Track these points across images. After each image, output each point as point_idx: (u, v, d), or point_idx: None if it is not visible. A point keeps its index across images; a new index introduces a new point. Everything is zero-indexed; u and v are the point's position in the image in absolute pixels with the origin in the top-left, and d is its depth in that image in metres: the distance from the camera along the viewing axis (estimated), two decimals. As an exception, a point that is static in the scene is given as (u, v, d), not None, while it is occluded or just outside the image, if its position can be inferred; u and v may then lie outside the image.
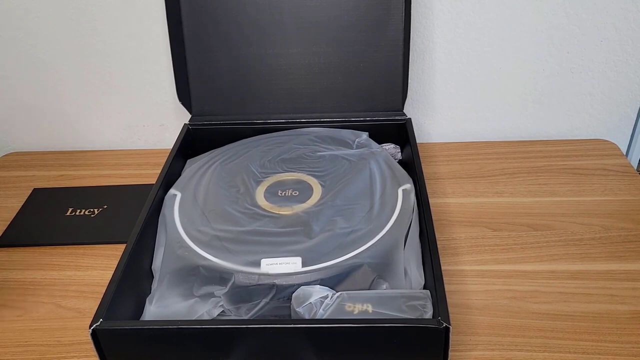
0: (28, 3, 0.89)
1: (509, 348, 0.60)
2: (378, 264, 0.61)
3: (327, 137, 0.83)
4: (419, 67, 0.92)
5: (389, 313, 0.56)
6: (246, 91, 0.86)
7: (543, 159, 0.91)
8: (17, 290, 0.71)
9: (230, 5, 0.82)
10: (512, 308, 0.65)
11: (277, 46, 0.83)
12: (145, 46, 0.92)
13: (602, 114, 0.96)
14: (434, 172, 0.89)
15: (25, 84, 0.96)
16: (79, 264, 0.74)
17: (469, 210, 0.80)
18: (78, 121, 1.00)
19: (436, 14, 0.88)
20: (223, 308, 0.61)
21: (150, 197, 0.69)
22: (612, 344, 0.60)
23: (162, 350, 0.54)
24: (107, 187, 0.89)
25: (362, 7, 0.81)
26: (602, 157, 0.90)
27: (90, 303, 0.68)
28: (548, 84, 0.94)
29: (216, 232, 0.66)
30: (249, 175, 0.75)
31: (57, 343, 0.64)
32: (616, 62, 0.91)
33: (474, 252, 0.73)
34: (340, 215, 0.67)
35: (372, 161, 0.76)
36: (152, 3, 0.87)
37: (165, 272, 0.63)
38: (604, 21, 0.87)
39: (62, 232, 0.79)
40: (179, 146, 0.80)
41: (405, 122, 0.84)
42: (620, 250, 0.72)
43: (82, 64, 0.94)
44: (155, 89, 0.96)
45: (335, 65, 0.84)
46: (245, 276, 0.60)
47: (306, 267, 0.60)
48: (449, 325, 0.51)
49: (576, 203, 0.81)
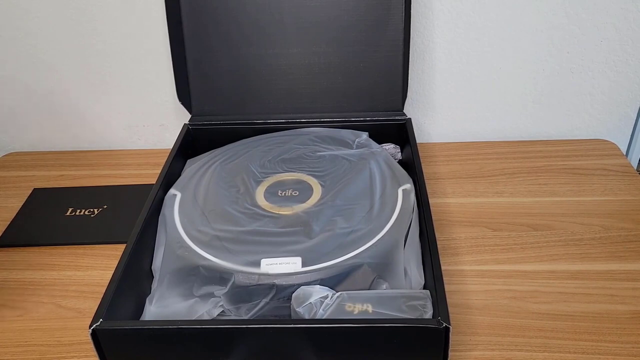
0: (28, 3, 0.89)
1: (509, 348, 0.60)
2: (378, 264, 0.61)
3: (327, 137, 0.83)
4: (419, 67, 0.92)
5: (389, 313, 0.56)
6: (246, 91, 0.86)
7: (543, 159, 0.91)
8: (17, 290, 0.71)
9: (230, 5, 0.82)
10: (512, 308, 0.65)
11: (277, 46, 0.84)
12: (145, 46, 0.92)
13: (602, 114, 0.96)
14: (434, 172, 0.89)
15: (25, 84, 0.96)
16: (79, 264, 0.74)
17: (469, 210, 0.80)
18: (78, 121, 1.00)
19: (436, 14, 0.88)
20: (223, 308, 0.61)
21: (150, 197, 0.69)
22: (612, 344, 0.60)
23: (162, 350, 0.54)
24: (107, 187, 0.89)
25: (362, 7, 0.81)
26: (602, 157, 0.90)
27: (90, 303, 0.68)
28: (548, 84, 0.94)
29: (216, 232, 0.66)
30: (249, 175, 0.75)
31: (57, 343, 0.64)
32: (616, 62, 0.91)
33: (474, 252, 0.73)
34: (340, 215, 0.67)
35: (372, 161, 0.76)
36: (152, 3, 0.87)
37: (165, 272, 0.63)
38: (604, 21, 0.87)
39: (62, 232, 0.79)
40: (179, 146, 0.80)
41: (405, 122, 0.84)
42: (620, 250, 0.72)
43: (82, 64, 0.94)
44: (155, 89, 0.96)
45: (335, 65, 0.84)
46: (245, 276, 0.60)
47: (306, 267, 0.60)
48: (449, 325, 0.51)
49: (576, 203, 0.81)
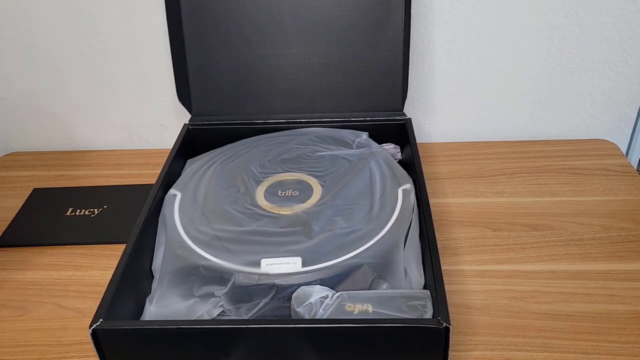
0: (28, 3, 0.89)
1: (509, 348, 0.60)
2: (378, 264, 0.61)
3: (327, 137, 0.83)
4: (419, 67, 0.92)
5: (389, 313, 0.56)
6: (246, 91, 0.86)
7: (543, 159, 0.91)
8: (17, 290, 0.71)
9: (230, 5, 0.82)
10: (512, 308, 0.65)
11: (277, 46, 0.83)
12: (145, 46, 0.92)
13: (602, 114, 0.96)
14: (434, 172, 0.89)
15: (25, 84, 0.96)
16: (79, 264, 0.74)
17: (469, 210, 0.80)
18: (78, 121, 1.00)
19: (436, 14, 0.88)
20: (223, 308, 0.61)
21: (150, 197, 0.69)
22: (612, 344, 0.60)
23: (162, 350, 0.54)
24: (107, 187, 0.89)
25: (362, 7, 0.81)
26: (602, 157, 0.90)
27: (90, 303, 0.68)
28: (548, 84, 0.94)
29: (216, 232, 0.66)
30: (249, 175, 0.75)
31: (57, 343, 0.64)
32: (616, 62, 0.91)
33: (474, 252, 0.73)
34: (340, 215, 0.67)
35: (372, 161, 0.76)
36: (152, 3, 0.87)
37: (165, 272, 0.63)
38: (604, 21, 0.87)
39: (62, 232, 0.79)
40: (179, 146, 0.80)
41: (405, 122, 0.84)
42: (620, 250, 0.72)
43: (82, 63, 0.94)
44: (155, 89, 0.96)
45: (335, 65, 0.84)
46: (245, 276, 0.60)
47: (306, 267, 0.60)
48: (449, 325, 0.51)
49: (576, 203, 0.81)
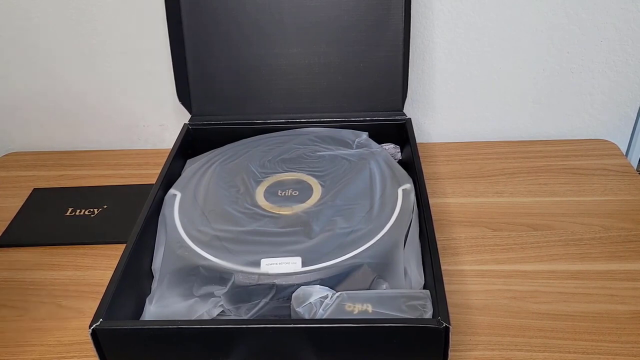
0: (28, 3, 0.89)
1: (509, 348, 0.60)
2: (378, 264, 0.61)
3: (327, 137, 0.83)
4: (419, 67, 0.92)
5: (389, 313, 0.56)
6: (246, 91, 0.86)
7: (543, 159, 0.91)
8: (17, 290, 0.71)
9: (230, 5, 0.82)
10: (512, 308, 0.65)
11: (277, 46, 0.83)
12: (145, 46, 0.92)
13: (602, 114, 0.96)
14: (434, 172, 0.89)
15: (25, 83, 0.96)
16: (79, 264, 0.74)
17: (469, 210, 0.80)
18: (78, 121, 1.00)
19: (436, 14, 0.88)
20: (223, 308, 0.61)
21: (150, 197, 0.69)
22: (612, 344, 0.60)
23: (162, 350, 0.54)
24: (107, 187, 0.89)
25: (362, 7, 0.81)
26: (602, 157, 0.90)
27: (90, 303, 0.68)
28: (548, 84, 0.94)
29: (216, 232, 0.66)
30: (249, 175, 0.75)
31: (57, 343, 0.64)
32: (616, 62, 0.91)
33: (474, 252, 0.73)
34: (340, 215, 0.67)
35: (372, 161, 0.76)
36: (152, 3, 0.87)
37: (165, 272, 0.63)
38: (604, 21, 0.87)
39: (62, 232, 0.79)
40: (179, 146, 0.80)
41: (405, 122, 0.84)
42: (620, 250, 0.72)
43: (82, 63, 0.94)
44: (155, 89, 0.96)
45: (335, 65, 0.84)
46: (245, 276, 0.60)
47: (306, 267, 0.60)
48: (449, 325, 0.51)
49: (576, 203, 0.81)
